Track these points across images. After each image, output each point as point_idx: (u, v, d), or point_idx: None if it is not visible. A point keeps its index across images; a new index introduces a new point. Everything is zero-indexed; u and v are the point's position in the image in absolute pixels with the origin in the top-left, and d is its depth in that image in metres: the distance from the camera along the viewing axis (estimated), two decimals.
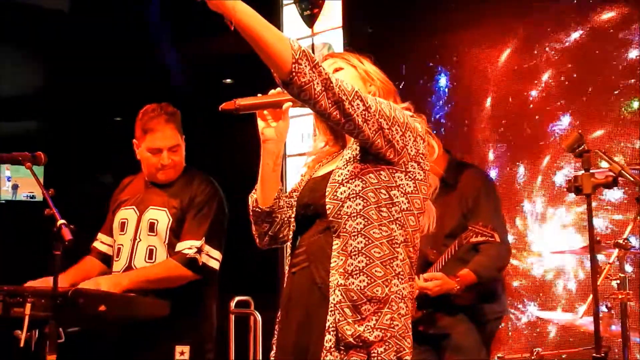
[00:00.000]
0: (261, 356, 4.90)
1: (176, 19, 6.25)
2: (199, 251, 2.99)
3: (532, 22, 4.50)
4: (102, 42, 6.55)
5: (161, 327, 2.89)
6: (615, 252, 3.18)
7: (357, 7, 5.14)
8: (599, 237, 3.62)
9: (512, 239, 4.20)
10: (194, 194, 3.09)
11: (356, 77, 2.15)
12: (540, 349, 3.52)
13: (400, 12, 4.92)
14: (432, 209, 2.13)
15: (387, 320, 1.92)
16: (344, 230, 1.95)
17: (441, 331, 3.49)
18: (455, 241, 3.37)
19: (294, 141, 5.24)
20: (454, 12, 4.74)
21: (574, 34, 4.36)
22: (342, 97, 1.87)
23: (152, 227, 3.06)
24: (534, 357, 3.47)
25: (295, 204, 2.16)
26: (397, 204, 1.98)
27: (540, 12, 4.46)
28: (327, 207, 1.98)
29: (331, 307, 1.93)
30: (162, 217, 3.07)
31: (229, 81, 7.12)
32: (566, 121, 4.37)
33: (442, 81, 4.91)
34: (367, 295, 1.91)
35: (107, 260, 3.22)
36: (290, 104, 2.07)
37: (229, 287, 3.72)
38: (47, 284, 2.58)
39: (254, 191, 2.18)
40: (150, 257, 3.05)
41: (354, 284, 1.92)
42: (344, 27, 5.17)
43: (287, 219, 2.19)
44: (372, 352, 1.89)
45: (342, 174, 2.00)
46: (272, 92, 2.08)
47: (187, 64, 6.78)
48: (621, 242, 3.14)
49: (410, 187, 2.00)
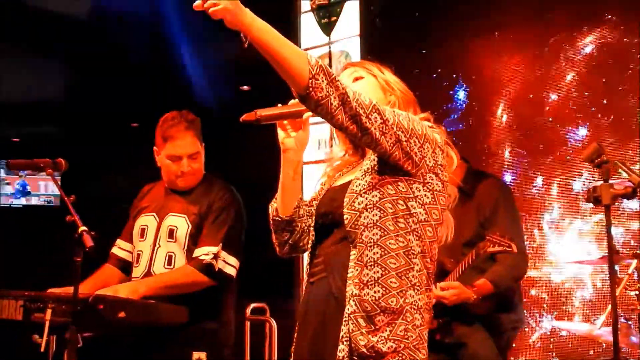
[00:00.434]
0: None
1: (194, 25, 6.28)
2: (216, 257, 3.00)
3: (549, 31, 4.50)
4: (121, 49, 6.60)
5: (178, 332, 2.91)
6: (634, 262, 3.17)
7: (375, 15, 5.16)
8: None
9: (528, 249, 4.19)
10: (213, 200, 3.11)
11: (376, 86, 2.16)
12: None
13: (416, 20, 4.94)
14: (451, 220, 2.13)
15: (401, 331, 1.92)
16: (361, 240, 1.96)
17: (457, 340, 3.48)
18: (472, 250, 3.37)
19: (310, 148, 5.20)
20: (471, 21, 4.74)
21: (590, 42, 4.35)
22: (359, 111, 1.88)
23: (171, 234, 3.09)
24: None
25: (314, 212, 2.17)
26: (414, 215, 1.98)
27: (556, 21, 4.46)
28: (345, 217, 2.00)
29: (345, 317, 1.94)
30: (181, 223, 3.10)
31: (246, 88, 7.15)
32: (583, 131, 4.36)
33: (460, 93, 4.91)
34: (381, 306, 1.92)
35: (125, 267, 3.25)
36: (310, 114, 2.08)
37: (245, 294, 3.73)
38: (69, 292, 2.61)
39: (274, 200, 2.19)
40: (169, 263, 3.07)
41: (368, 294, 1.92)
42: (361, 35, 5.18)
43: (307, 227, 2.20)
44: None
45: (360, 185, 2.01)
46: (291, 102, 2.09)
47: (205, 70, 6.81)
48: None
49: (428, 198, 2.01)
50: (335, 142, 2.30)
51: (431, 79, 4.97)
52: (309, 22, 5.50)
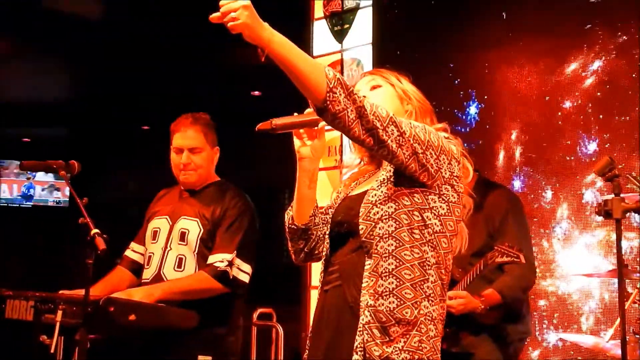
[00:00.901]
0: None
1: (205, 30, 6.30)
2: (230, 264, 3.02)
3: (561, 43, 4.50)
4: (132, 52, 6.63)
5: (186, 336, 2.92)
6: None
7: (387, 22, 5.16)
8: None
9: (537, 261, 4.18)
10: (227, 206, 3.13)
11: (393, 95, 2.17)
12: None
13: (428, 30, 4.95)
14: (465, 231, 2.13)
15: (415, 342, 1.93)
16: (376, 251, 1.97)
17: (464, 350, 3.47)
18: (480, 260, 3.37)
19: None
20: (483, 31, 4.75)
21: (603, 54, 4.35)
22: (376, 124, 1.89)
23: (182, 237, 3.11)
24: None
25: (330, 220, 2.18)
26: (429, 226, 1.99)
27: (567, 34, 4.46)
28: (360, 227, 2.00)
29: (360, 327, 1.94)
30: (193, 227, 3.12)
31: (257, 93, 7.18)
32: (594, 144, 4.36)
33: (472, 107, 4.91)
34: (396, 317, 1.92)
35: (137, 269, 3.27)
36: (325, 122, 2.09)
37: (252, 299, 3.73)
38: (80, 294, 2.62)
39: (290, 208, 2.21)
40: (179, 265, 3.09)
41: (383, 305, 1.93)
42: (373, 43, 5.19)
43: (322, 235, 2.21)
44: None
45: (376, 195, 2.02)
46: (307, 111, 2.09)
47: (216, 75, 6.84)
48: None
49: (443, 209, 2.01)
50: (346, 150, 2.31)
51: (444, 89, 4.96)
52: (321, 29, 5.51)
